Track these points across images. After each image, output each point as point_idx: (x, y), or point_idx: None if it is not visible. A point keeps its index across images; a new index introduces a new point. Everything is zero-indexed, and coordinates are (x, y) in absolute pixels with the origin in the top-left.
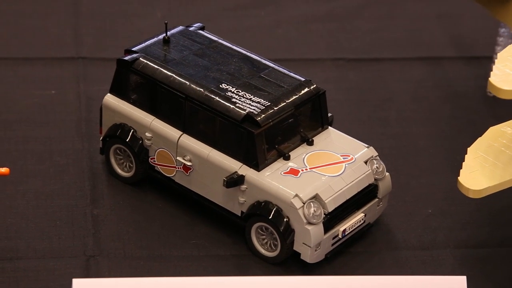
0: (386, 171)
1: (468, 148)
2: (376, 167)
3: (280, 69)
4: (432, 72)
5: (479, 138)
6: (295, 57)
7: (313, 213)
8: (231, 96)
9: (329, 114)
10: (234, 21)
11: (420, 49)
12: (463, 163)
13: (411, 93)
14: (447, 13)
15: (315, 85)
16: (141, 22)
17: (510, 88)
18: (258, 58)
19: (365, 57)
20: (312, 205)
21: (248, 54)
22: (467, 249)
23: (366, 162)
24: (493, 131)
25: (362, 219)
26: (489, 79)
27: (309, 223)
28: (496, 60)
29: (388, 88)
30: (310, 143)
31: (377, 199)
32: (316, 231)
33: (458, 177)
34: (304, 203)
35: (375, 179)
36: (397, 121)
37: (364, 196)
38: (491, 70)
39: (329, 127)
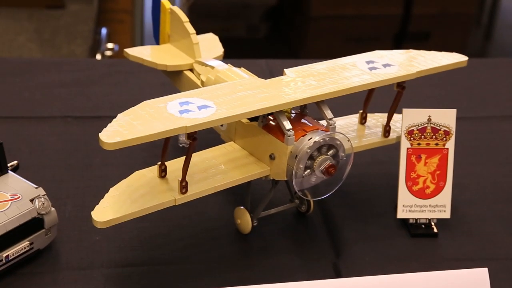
0: (53, 207)
1: (111, 188)
2: (42, 203)
3: None
4: None
5: (123, 180)
6: (32, 115)
7: None
8: None
9: (15, 162)
10: None
11: None
12: (101, 199)
13: None
14: (168, 82)
15: None
16: None
17: (111, 141)
18: None
19: (90, 115)
20: None
21: None
22: (116, 268)
23: (32, 200)
24: (137, 174)
25: (28, 246)
26: (99, 134)
27: None
28: (114, 119)
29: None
30: None
31: (44, 230)
32: None
33: (91, 212)
34: None
35: (40, 214)
36: (101, 166)
37: (29, 227)
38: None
39: (10, 172)
